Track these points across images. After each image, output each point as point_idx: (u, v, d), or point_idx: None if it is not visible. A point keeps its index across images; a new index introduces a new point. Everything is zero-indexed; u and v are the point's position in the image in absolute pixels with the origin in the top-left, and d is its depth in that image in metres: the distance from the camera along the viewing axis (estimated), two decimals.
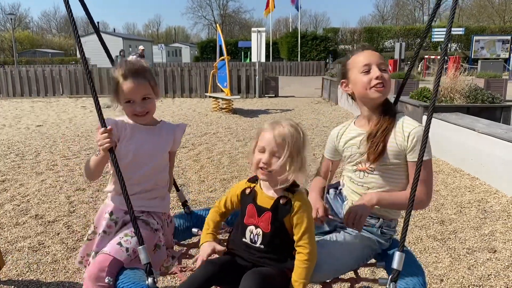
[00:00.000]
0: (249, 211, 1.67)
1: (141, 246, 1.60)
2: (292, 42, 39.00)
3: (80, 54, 1.75)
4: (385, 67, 1.89)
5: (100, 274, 1.67)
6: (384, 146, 1.84)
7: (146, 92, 1.90)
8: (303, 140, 1.62)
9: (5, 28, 66.47)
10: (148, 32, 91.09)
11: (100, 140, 1.74)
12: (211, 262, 1.61)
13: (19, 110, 12.60)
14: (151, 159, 1.95)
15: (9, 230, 3.81)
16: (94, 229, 2.02)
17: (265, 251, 1.63)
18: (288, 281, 1.62)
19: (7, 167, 5.96)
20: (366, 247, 1.92)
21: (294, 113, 11.29)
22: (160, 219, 2.00)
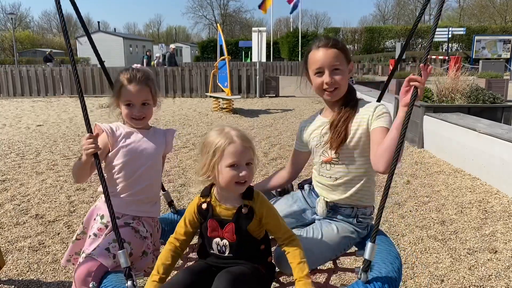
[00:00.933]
0: (210, 225, 1.66)
1: (120, 250, 1.63)
2: (293, 42, 39.03)
3: (69, 55, 1.78)
4: (339, 66, 1.90)
5: (87, 278, 1.72)
6: (346, 134, 1.88)
7: (146, 97, 2.00)
8: None
9: (5, 27, 66.51)
10: (149, 32, 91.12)
11: (85, 145, 1.77)
12: (189, 271, 1.62)
13: (20, 109, 12.61)
14: (147, 160, 2.00)
15: (9, 229, 3.80)
16: (84, 229, 2.07)
17: (234, 258, 1.66)
18: (262, 276, 1.67)
19: (8, 166, 5.96)
20: (344, 237, 1.94)
21: (295, 113, 11.28)
22: (150, 225, 2.04)
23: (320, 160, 2.01)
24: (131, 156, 1.98)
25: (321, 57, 1.92)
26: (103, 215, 1.99)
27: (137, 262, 1.91)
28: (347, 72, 1.95)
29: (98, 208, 2.05)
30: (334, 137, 1.90)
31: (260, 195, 1.67)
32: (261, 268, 1.68)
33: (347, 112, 1.92)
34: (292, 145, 7.09)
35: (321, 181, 2.03)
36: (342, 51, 1.93)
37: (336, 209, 1.99)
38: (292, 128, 8.84)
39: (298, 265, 1.57)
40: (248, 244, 1.65)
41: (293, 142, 7.41)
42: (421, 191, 4.72)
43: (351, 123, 1.89)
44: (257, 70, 15.18)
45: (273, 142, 7.43)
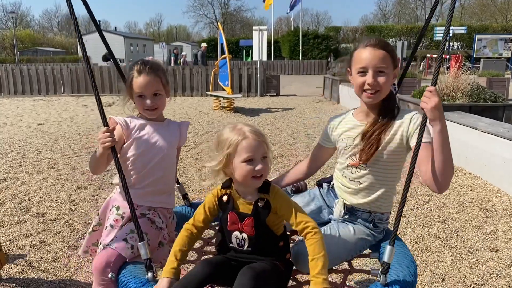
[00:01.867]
0: (230, 218, 1.68)
1: (141, 242, 1.65)
2: (293, 41, 38.95)
3: (82, 53, 1.76)
4: (384, 68, 1.83)
5: (106, 268, 1.74)
6: (377, 148, 1.84)
7: (157, 88, 2.01)
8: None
9: (6, 26, 66.54)
10: (149, 31, 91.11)
11: (101, 139, 1.79)
12: (208, 263, 1.62)
13: (21, 108, 12.61)
14: (161, 151, 2.02)
15: (10, 228, 3.81)
16: (100, 220, 2.09)
17: (253, 252, 1.67)
18: (281, 274, 1.68)
19: (9, 165, 5.97)
20: (360, 239, 1.94)
21: (296, 112, 11.28)
22: (165, 216, 2.06)
23: (346, 162, 1.98)
24: (144, 148, 2.00)
25: (367, 57, 1.84)
26: (119, 206, 2.02)
27: (154, 253, 1.92)
28: (391, 77, 1.87)
29: (114, 199, 2.07)
30: (365, 150, 1.86)
31: (275, 188, 1.68)
32: (280, 265, 1.69)
33: (383, 124, 1.85)
34: (293, 144, 7.14)
35: (343, 183, 2.00)
36: (391, 54, 1.85)
37: (353, 212, 1.98)
38: (293, 126, 8.84)
39: (311, 262, 1.55)
40: (266, 238, 1.66)
41: (294, 141, 7.42)
42: (422, 190, 4.72)
43: (385, 133, 1.84)
44: (257, 69, 15.18)
45: (274, 141, 7.43)
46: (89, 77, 1.83)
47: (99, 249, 1.96)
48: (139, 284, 1.59)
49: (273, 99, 14.59)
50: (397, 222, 1.55)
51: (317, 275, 1.51)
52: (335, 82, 13.36)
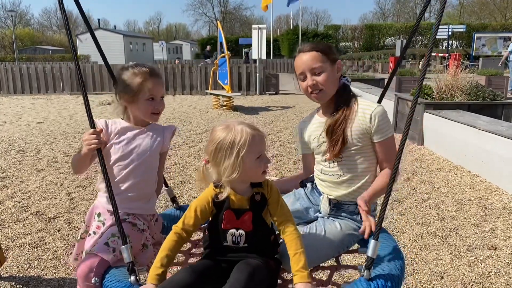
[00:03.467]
0: (226, 217, 1.64)
1: (124, 245, 1.62)
2: (293, 39, 38.97)
3: (72, 52, 1.76)
4: (318, 68, 1.90)
5: (89, 274, 1.72)
6: (344, 138, 1.90)
7: (163, 91, 2.07)
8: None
9: (5, 25, 66.42)
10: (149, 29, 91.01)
11: (87, 140, 1.79)
12: (193, 271, 1.56)
13: (20, 107, 12.60)
14: (140, 156, 1.97)
15: (9, 226, 3.81)
16: (86, 228, 2.06)
17: (248, 249, 1.65)
18: (273, 271, 1.68)
19: (8, 163, 5.97)
20: (347, 235, 1.94)
21: (295, 110, 11.28)
22: (145, 219, 2.03)
23: (322, 158, 2.02)
24: (122, 154, 1.95)
25: (300, 62, 1.96)
26: (100, 213, 2.00)
27: (139, 256, 1.91)
28: (332, 72, 1.94)
29: (96, 207, 2.06)
30: (331, 145, 1.92)
31: (268, 181, 1.69)
32: (271, 262, 1.69)
33: (342, 114, 1.92)
34: (292, 142, 7.14)
35: (324, 179, 2.03)
36: (322, 52, 1.92)
37: (339, 206, 2.00)
38: (292, 125, 8.84)
39: (293, 257, 1.55)
40: (262, 232, 1.67)
41: (293, 139, 7.41)
42: (421, 188, 4.73)
43: (349, 126, 1.90)
44: (257, 67, 15.17)
45: (273, 139, 7.43)
46: (77, 76, 1.83)
47: (83, 256, 1.93)
48: (123, 287, 1.57)
49: (273, 97, 14.59)
50: (382, 215, 1.54)
51: (301, 269, 1.52)
52: None
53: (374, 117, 1.87)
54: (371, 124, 1.87)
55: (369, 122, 1.88)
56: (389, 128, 1.91)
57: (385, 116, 1.90)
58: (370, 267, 1.53)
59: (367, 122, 1.88)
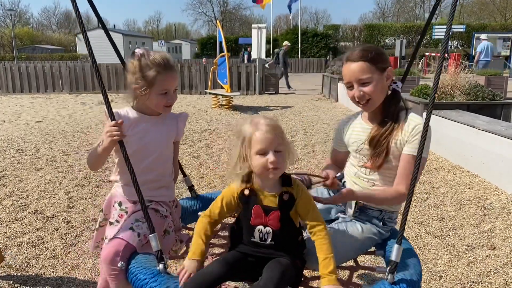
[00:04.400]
0: (255, 212, 1.65)
1: (152, 234, 1.63)
2: (292, 39, 38.94)
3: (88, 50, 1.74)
4: (366, 79, 1.85)
5: (115, 258, 1.72)
6: (387, 154, 1.85)
7: (177, 83, 2.03)
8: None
9: (5, 24, 66.36)
10: (148, 29, 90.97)
11: (109, 132, 1.75)
12: (225, 261, 1.61)
13: (19, 106, 12.58)
14: (156, 148, 1.97)
15: (8, 225, 3.80)
16: (105, 216, 2.07)
17: (275, 246, 1.66)
18: (299, 270, 1.69)
19: (7, 162, 5.95)
20: (368, 239, 1.94)
21: (294, 110, 11.27)
22: (167, 205, 2.05)
23: (359, 163, 1.99)
24: (138, 147, 1.93)
25: (347, 72, 1.90)
26: (121, 202, 2.00)
27: (161, 243, 1.87)
28: (381, 81, 1.87)
29: (115, 196, 2.05)
30: (374, 157, 1.89)
31: (297, 181, 1.69)
32: (298, 262, 1.70)
33: (389, 127, 1.86)
34: (291, 141, 7.07)
35: (357, 182, 2.01)
36: (371, 62, 1.84)
37: (364, 211, 1.98)
38: (291, 125, 8.84)
39: (323, 261, 1.58)
40: (289, 232, 1.67)
41: (293, 139, 7.40)
42: (419, 188, 4.73)
43: (393, 139, 1.84)
44: (256, 67, 15.17)
45: None
46: (95, 74, 1.77)
47: (104, 244, 1.93)
48: (150, 275, 1.57)
49: (272, 97, 14.59)
50: (404, 221, 1.56)
51: (330, 273, 1.55)
52: (333, 80, 13.35)
53: (415, 129, 1.80)
54: (410, 134, 1.80)
55: (409, 133, 1.81)
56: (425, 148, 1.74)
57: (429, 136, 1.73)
58: (394, 271, 1.56)
59: (408, 132, 1.81)
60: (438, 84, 1.60)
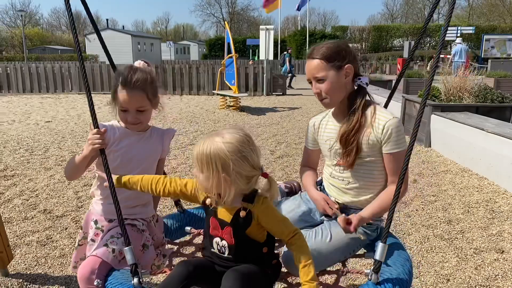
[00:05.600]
0: (212, 223, 1.63)
1: (127, 247, 1.60)
2: (300, 40, 38.97)
3: (77, 53, 1.74)
4: (322, 77, 1.87)
5: (91, 276, 1.69)
6: (358, 148, 1.86)
7: (141, 104, 1.87)
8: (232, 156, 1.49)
9: (15, 24, 67.04)
10: (157, 30, 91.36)
11: (91, 139, 1.75)
12: (187, 263, 1.57)
13: (29, 106, 12.71)
14: (138, 165, 1.92)
15: (18, 224, 3.85)
16: (84, 234, 2.03)
17: (234, 260, 1.60)
18: (269, 277, 1.64)
19: (17, 162, 6.02)
20: (353, 239, 1.91)
21: (302, 111, 11.27)
22: (144, 220, 2.00)
23: (333, 162, 1.99)
24: (121, 162, 1.90)
25: (307, 69, 1.95)
26: (96, 220, 1.96)
27: (140, 258, 1.86)
28: (338, 79, 1.88)
29: (91, 213, 2.01)
30: (345, 155, 1.89)
31: (261, 199, 1.58)
32: (267, 270, 1.64)
33: (356, 123, 1.86)
34: (299, 143, 7.14)
35: (333, 183, 2.02)
36: (326, 59, 1.86)
37: (346, 211, 1.97)
38: (299, 126, 8.84)
39: (303, 269, 1.52)
40: (247, 247, 1.59)
41: (300, 140, 7.39)
42: (427, 190, 4.71)
43: (362, 135, 1.85)
44: (264, 68, 15.18)
45: (280, 140, 7.43)
46: (82, 75, 1.78)
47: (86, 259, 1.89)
48: None
49: (279, 98, 14.60)
50: (390, 219, 1.53)
51: (310, 281, 1.49)
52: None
53: (387, 128, 1.81)
54: (383, 135, 1.82)
55: (381, 133, 1.83)
56: (401, 142, 1.84)
57: (399, 129, 1.83)
58: (378, 271, 1.52)
59: (379, 132, 1.83)
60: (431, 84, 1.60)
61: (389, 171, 1.88)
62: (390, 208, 1.56)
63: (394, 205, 1.55)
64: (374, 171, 1.91)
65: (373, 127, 1.84)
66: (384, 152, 1.86)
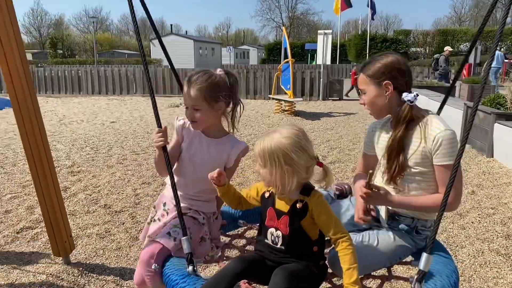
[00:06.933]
0: (269, 214, 1.75)
1: (184, 237, 1.74)
2: (360, 44, 38.20)
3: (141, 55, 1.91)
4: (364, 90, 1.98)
5: (150, 260, 1.84)
6: (400, 166, 1.86)
7: (195, 103, 1.97)
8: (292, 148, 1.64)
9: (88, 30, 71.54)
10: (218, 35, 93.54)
11: (154, 139, 1.93)
12: (241, 259, 1.69)
13: (96, 107, 13.54)
14: (202, 169, 2.02)
15: (80, 217, 4.15)
16: (154, 213, 2.21)
17: (285, 251, 1.70)
18: (316, 276, 1.70)
19: (83, 159, 6.47)
20: (400, 246, 1.92)
21: (358, 117, 11.08)
22: (206, 215, 2.14)
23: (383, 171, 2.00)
24: (187, 163, 2.07)
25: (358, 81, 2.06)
26: (165, 203, 2.14)
27: (197, 248, 2.00)
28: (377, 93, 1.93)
29: (163, 196, 2.21)
30: (389, 169, 1.90)
31: (317, 194, 1.71)
32: (314, 267, 1.71)
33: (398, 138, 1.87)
34: (352, 149, 7.05)
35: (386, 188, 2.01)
36: (367, 75, 1.95)
37: (395, 218, 1.97)
38: (354, 132, 8.71)
39: (347, 271, 1.58)
40: (300, 239, 1.69)
41: (354, 146, 7.28)
42: (486, 203, 4.48)
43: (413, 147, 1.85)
44: (321, 73, 15.10)
45: (333, 146, 7.38)
46: (146, 77, 1.95)
47: (145, 242, 2.08)
48: (181, 276, 1.67)
49: (336, 103, 14.44)
50: (436, 228, 1.53)
51: (353, 284, 1.55)
52: None
53: (437, 139, 1.79)
54: (433, 146, 1.80)
55: (431, 144, 1.80)
56: (453, 154, 1.77)
57: (451, 141, 1.79)
58: (422, 281, 1.53)
59: (430, 143, 1.81)
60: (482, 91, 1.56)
61: (439, 183, 1.85)
62: (436, 218, 1.55)
63: (440, 216, 1.54)
64: (425, 183, 1.89)
65: (426, 139, 1.83)
66: (434, 164, 1.83)
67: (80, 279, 3.02)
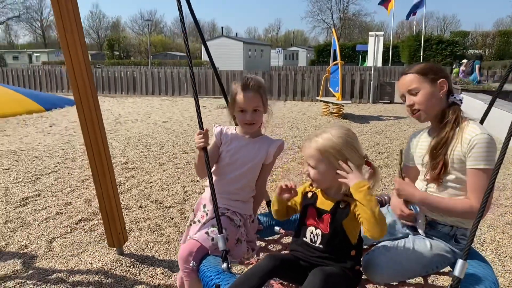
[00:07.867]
0: (309, 213, 1.79)
1: (220, 235, 1.84)
2: (414, 46, 37.02)
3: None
4: (416, 89, 1.94)
5: (188, 257, 1.94)
6: (444, 163, 1.84)
7: (257, 104, 2.16)
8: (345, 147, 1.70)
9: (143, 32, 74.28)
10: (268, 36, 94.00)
11: (196, 140, 2.07)
12: (272, 256, 1.72)
13: (150, 107, 14.08)
14: (242, 166, 2.20)
15: (133, 211, 4.39)
16: (194, 217, 2.34)
17: (323, 250, 1.71)
18: (351, 280, 1.70)
19: (137, 156, 6.79)
20: (437, 255, 1.89)
21: (409, 121, 10.81)
22: (242, 217, 2.23)
23: (424, 178, 2.00)
24: (228, 161, 2.21)
25: (400, 85, 2.04)
26: (205, 205, 2.27)
27: (233, 250, 2.09)
28: (432, 91, 1.92)
29: (202, 198, 2.34)
30: (432, 168, 1.90)
31: None
32: (349, 272, 1.72)
33: (444, 137, 1.87)
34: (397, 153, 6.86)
35: None
36: (420, 73, 1.95)
37: (433, 226, 1.96)
38: (404, 136, 8.53)
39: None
40: (340, 240, 1.69)
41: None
42: None
43: (451, 150, 1.84)
44: (371, 75, 14.84)
45: (381, 150, 7.27)
46: (191, 81, 2.11)
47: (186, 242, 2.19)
48: (216, 273, 1.74)
49: (386, 106, 14.14)
50: (472, 235, 1.51)
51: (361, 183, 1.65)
52: (455, 91, 12.46)
53: (472, 142, 1.77)
54: (467, 148, 1.79)
55: (466, 147, 1.79)
56: (487, 159, 1.75)
57: (486, 145, 1.76)
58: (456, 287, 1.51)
59: (465, 146, 1.80)
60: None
61: (468, 187, 1.82)
62: (473, 225, 1.54)
63: (477, 223, 1.53)
64: (464, 189, 1.86)
65: (461, 143, 1.82)
66: (467, 167, 1.81)
67: (132, 269, 3.21)
